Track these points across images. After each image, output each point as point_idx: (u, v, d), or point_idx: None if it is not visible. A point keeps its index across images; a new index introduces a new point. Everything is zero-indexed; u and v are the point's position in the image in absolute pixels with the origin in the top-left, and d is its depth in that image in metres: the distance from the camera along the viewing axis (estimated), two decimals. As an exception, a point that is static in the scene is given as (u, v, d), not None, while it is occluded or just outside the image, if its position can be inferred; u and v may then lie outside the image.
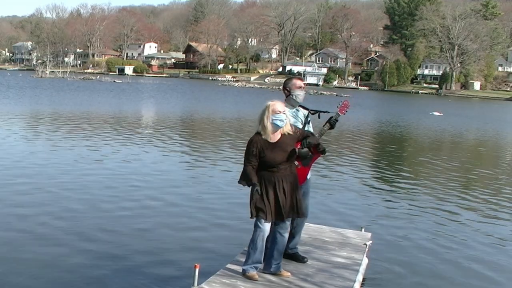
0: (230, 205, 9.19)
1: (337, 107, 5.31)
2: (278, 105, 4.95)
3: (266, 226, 4.99)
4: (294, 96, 5.40)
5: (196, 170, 12.62)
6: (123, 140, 16.93)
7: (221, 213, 8.69)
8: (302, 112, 5.53)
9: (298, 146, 5.06)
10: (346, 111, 5.36)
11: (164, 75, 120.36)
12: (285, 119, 4.92)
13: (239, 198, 9.45)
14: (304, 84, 5.57)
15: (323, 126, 5.29)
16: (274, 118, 4.89)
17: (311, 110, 5.55)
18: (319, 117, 5.54)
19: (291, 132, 4.98)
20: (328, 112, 5.40)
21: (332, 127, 5.27)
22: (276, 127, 4.91)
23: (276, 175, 4.95)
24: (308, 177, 5.54)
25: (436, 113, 40.64)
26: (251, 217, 4.99)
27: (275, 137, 4.95)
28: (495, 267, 6.96)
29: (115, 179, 10.85)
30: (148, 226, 7.76)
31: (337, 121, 5.29)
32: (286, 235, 5.15)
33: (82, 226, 7.55)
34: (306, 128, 5.40)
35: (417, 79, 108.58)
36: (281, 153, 4.93)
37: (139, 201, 9.18)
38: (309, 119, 5.52)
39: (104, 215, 8.21)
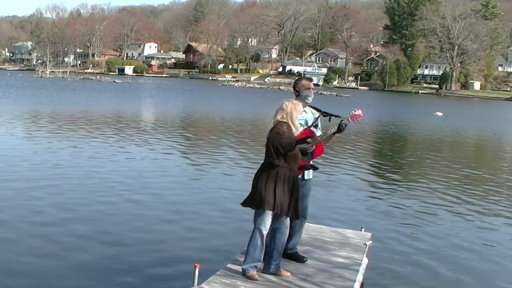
0: (230, 205, 9.18)
1: (350, 114, 5.35)
2: (301, 106, 5.13)
3: (268, 223, 5.00)
4: (303, 97, 5.48)
5: (196, 170, 12.61)
6: (121, 139, 16.93)
7: (221, 213, 8.70)
8: (312, 113, 5.56)
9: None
10: (358, 121, 5.43)
11: (164, 75, 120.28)
12: (302, 119, 5.18)
13: (239, 198, 9.45)
14: (313, 85, 5.64)
15: (331, 128, 5.33)
16: (299, 118, 5.12)
17: (323, 112, 5.59)
18: (329, 120, 5.59)
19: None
20: (340, 117, 5.44)
21: (339, 131, 5.31)
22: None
23: (293, 170, 5.00)
24: (307, 177, 5.53)
25: (439, 113, 40.61)
26: (258, 207, 4.98)
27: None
28: (496, 267, 6.96)
29: (112, 178, 10.84)
30: (147, 226, 7.76)
31: (346, 126, 5.33)
32: (286, 235, 5.15)
33: (79, 226, 7.55)
34: (314, 131, 5.44)
35: (417, 79, 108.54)
36: (298, 149, 5.03)
37: (138, 200, 9.18)
38: (318, 122, 5.54)
39: (102, 214, 8.21)
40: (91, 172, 11.33)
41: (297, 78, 5.85)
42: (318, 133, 5.49)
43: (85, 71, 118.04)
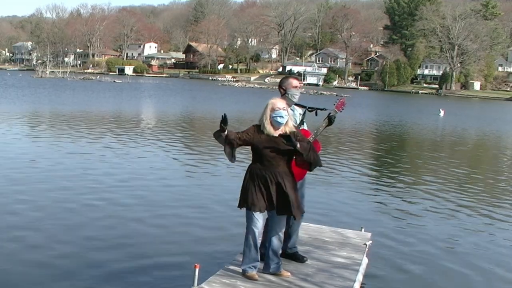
0: (229, 205, 9.17)
1: (334, 104, 5.34)
2: (279, 102, 4.95)
3: (258, 222, 4.98)
4: (289, 95, 5.39)
5: (194, 169, 12.60)
6: (120, 139, 16.92)
7: (221, 213, 8.69)
8: (298, 111, 5.53)
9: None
10: (343, 109, 5.38)
11: (164, 75, 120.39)
12: (285, 115, 4.90)
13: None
14: (300, 83, 5.58)
15: (322, 122, 5.29)
16: (274, 115, 4.90)
17: (309, 107, 5.55)
18: (316, 115, 5.55)
19: (289, 133, 4.93)
20: (326, 109, 5.41)
21: (330, 123, 5.29)
22: (277, 124, 4.90)
23: (268, 169, 4.91)
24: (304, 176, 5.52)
25: (441, 111, 40.63)
26: (238, 207, 5.07)
27: (276, 133, 4.94)
28: (498, 267, 6.95)
29: (111, 177, 10.82)
30: (147, 226, 7.75)
31: (335, 118, 5.31)
32: (280, 235, 5.12)
33: (80, 226, 7.53)
34: (301, 127, 5.39)
35: (417, 79, 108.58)
36: (277, 148, 4.89)
37: (138, 200, 9.17)
38: (304, 118, 5.51)
39: (103, 214, 8.20)
40: (85, 172, 11.32)
41: (283, 77, 5.78)
42: (305, 128, 5.43)
43: (85, 71, 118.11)
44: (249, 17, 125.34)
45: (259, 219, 4.99)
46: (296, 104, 5.52)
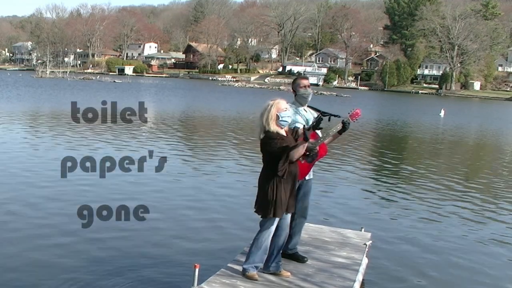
0: (229, 205, 9.18)
1: (349, 113, 5.31)
2: (282, 103, 5.00)
3: (273, 228, 5.00)
4: (300, 96, 5.48)
5: (193, 169, 12.60)
6: (120, 138, 16.91)
7: (220, 213, 8.69)
8: (312, 114, 5.54)
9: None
10: (356, 120, 5.34)
11: (164, 75, 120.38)
12: (290, 115, 5.01)
13: (238, 199, 9.48)
14: (309, 83, 5.62)
15: (336, 126, 5.21)
16: (282, 115, 4.94)
17: (322, 112, 5.55)
18: (329, 120, 5.55)
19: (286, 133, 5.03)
20: (339, 117, 5.39)
21: (344, 129, 5.21)
22: (284, 124, 4.99)
23: (292, 173, 4.98)
24: (308, 177, 5.53)
25: (442, 111, 40.62)
26: (272, 216, 4.91)
27: (282, 131, 5.00)
28: (497, 267, 6.96)
29: (111, 177, 10.80)
30: (148, 226, 7.74)
31: (349, 124, 5.27)
32: (286, 232, 5.15)
33: (78, 225, 7.53)
34: (316, 132, 5.38)
35: (417, 79, 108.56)
36: (284, 147, 4.92)
37: (136, 200, 9.15)
38: (321, 123, 5.47)
39: (101, 213, 8.19)
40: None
41: (294, 78, 5.83)
42: (319, 133, 5.44)
43: (85, 71, 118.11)
44: (249, 17, 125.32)
45: (276, 223, 5.01)
46: (310, 107, 5.54)
